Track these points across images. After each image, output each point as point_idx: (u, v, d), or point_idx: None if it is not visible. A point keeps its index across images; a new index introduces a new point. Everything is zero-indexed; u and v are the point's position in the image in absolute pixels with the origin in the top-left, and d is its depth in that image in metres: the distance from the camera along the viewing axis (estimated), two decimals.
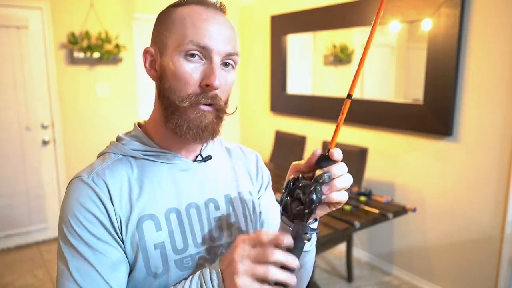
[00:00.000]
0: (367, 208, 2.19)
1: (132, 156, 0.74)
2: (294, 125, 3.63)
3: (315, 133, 3.38)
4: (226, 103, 0.74)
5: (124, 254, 0.69)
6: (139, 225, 0.69)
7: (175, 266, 0.71)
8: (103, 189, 0.68)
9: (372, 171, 2.94)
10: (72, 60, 3.32)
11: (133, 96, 3.68)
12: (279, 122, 3.82)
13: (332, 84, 3.51)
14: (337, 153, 0.61)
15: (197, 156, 0.79)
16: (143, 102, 3.79)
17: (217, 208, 0.78)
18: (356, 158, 2.83)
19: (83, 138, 3.49)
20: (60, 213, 0.69)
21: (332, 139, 0.62)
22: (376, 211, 2.15)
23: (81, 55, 3.29)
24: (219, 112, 0.71)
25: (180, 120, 0.69)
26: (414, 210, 2.25)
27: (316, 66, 3.60)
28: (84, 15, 3.32)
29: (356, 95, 3.17)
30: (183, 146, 0.76)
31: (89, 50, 3.29)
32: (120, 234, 0.68)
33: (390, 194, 2.84)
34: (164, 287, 0.70)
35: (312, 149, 3.27)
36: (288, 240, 0.56)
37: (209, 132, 0.70)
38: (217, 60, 0.68)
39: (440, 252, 2.61)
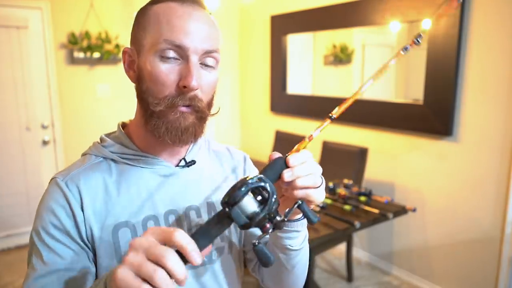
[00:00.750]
0: (367, 208, 2.19)
1: (112, 159, 0.72)
2: (294, 125, 3.63)
3: None
4: (209, 104, 0.70)
5: (88, 260, 0.68)
6: (114, 232, 0.68)
7: None
8: (75, 195, 0.67)
9: (372, 171, 2.94)
10: (72, 60, 3.32)
11: (133, 96, 3.67)
12: (279, 122, 3.82)
13: (332, 84, 3.51)
14: (293, 160, 0.59)
15: (180, 160, 0.76)
16: None
17: (198, 215, 0.74)
18: (356, 158, 2.83)
19: (83, 138, 3.49)
20: (36, 211, 0.70)
21: (296, 148, 0.61)
22: (376, 211, 2.15)
23: (81, 55, 3.29)
24: (199, 113, 0.67)
25: (158, 122, 0.66)
26: (414, 210, 2.24)
27: (316, 66, 3.60)
28: (84, 15, 3.32)
29: None
30: (165, 149, 0.73)
31: (89, 50, 3.29)
32: (87, 242, 0.67)
33: (390, 194, 2.83)
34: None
35: (313, 149, 3.26)
36: (196, 259, 0.48)
37: (190, 133, 0.67)
38: (194, 59, 0.65)
39: (440, 252, 2.61)
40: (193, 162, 0.77)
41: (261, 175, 0.55)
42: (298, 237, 0.70)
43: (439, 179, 2.56)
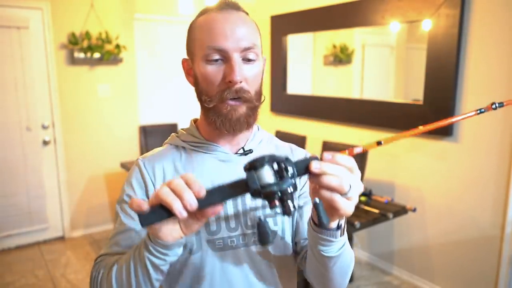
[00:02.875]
0: (367, 208, 2.19)
1: (183, 147, 0.86)
2: (294, 125, 3.63)
3: (315, 133, 3.38)
4: (258, 93, 0.79)
5: None
6: None
7: (207, 246, 0.80)
8: (150, 172, 0.82)
9: (372, 171, 2.94)
10: (73, 61, 3.33)
11: (133, 96, 3.69)
12: (279, 122, 3.82)
13: (332, 84, 3.51)
14: (328, 156, 0.59)
15: (239, 149, 0.85)
16: (143, 102, 3.79)
17: (253, 199, 0.81)
18: (356, 158, 2.81)
19: (84, 138, 3.50)
20: (122, 186, 0.86)
21: (351, 148, 0.62)
22: (376, 211, 2.15)
23: (81, 55, 3.29)
24: (249, 103, 0.77)
25: (214, 116, 0.77)
26: (414, 210, 2.25)
27: (316, 66, 3.60)
28: (85, 16, 3.33)
29: (356, 95, 3.17)
30: (224, 138, 0.83)
31: (89, 50, 3.30)
32: None
33: (390, 194, 2.84)
34: (200, 263, 0.80)
35: (312, 149, 3.27)
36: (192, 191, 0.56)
37: (242, 123, 0.77)
38: (235, 57, 0.74)
39: (440, 251, 2.61)
40: (250, 151, 0.86)
41: (288, 157, 0.57)
42: (333, 245, 0.69)
43: (439, 179, 2.56)
